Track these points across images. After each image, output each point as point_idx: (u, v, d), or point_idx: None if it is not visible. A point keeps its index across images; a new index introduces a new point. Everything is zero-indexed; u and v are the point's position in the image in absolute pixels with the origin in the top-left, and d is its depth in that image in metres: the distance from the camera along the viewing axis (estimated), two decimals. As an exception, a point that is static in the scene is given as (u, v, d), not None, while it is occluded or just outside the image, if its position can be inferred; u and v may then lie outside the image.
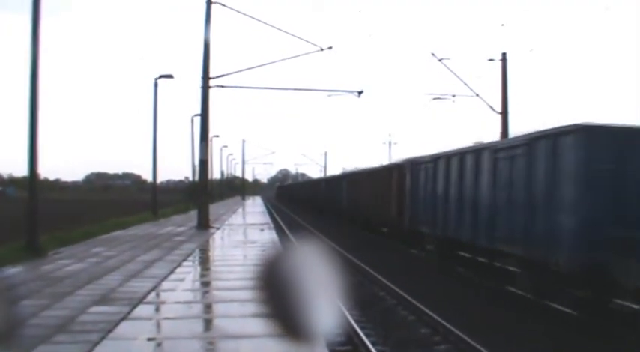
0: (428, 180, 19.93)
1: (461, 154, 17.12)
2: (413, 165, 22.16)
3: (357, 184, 34.70)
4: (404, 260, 19.92)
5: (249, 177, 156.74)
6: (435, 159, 19.37)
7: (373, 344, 8.80)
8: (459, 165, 17.05)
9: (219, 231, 26.59)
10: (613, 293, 9.75)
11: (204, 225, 27.38)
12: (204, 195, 28.26)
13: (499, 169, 14.27)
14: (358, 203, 33.44)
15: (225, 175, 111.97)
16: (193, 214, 32.73)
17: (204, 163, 27.36)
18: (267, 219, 38.56)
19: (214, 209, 47.05)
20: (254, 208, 60.00)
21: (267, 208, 62.75)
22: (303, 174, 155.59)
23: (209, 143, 28.22)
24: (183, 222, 32.70)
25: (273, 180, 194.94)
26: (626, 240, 9.44)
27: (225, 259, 16.03)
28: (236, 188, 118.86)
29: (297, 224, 38.35)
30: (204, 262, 16.10)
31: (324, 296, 1.40)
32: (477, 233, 15.34)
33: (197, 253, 17.72)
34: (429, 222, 19.45)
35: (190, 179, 58.29)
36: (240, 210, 54.62)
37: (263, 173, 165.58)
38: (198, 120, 28.28)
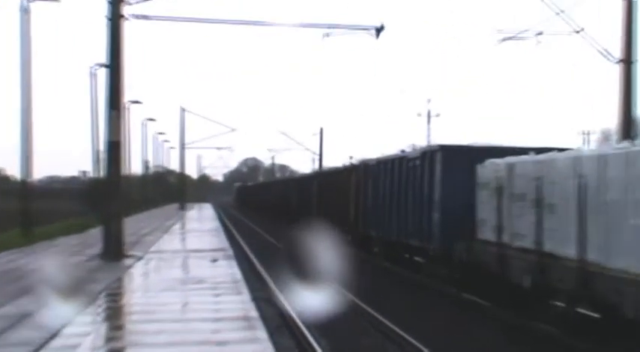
0: (375, 184, 31.77)
1: (392, 161, 29.64)
2: (365, 168, 34.19)
3: (325, 185, 46.77)
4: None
5: (192, 172, 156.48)
6: (378, 163, 31.68)
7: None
8: (390, 171, 29.27)
9: (140, 263, 27.26)
10: (455, 268, 21.86)
11: (115, 252, 27.79)
12: (115, 202, 28.45)
13: (409, 176, 26.82)
14: (325, 206, 45.43)
15: (152, 168, 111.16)
16: (96, 234, 33.33)
17: (114, 148, 27.60)
18: (222, 241, 39.36)
19: (133, 225, 47.97)
20: (201, 223, 60.75)
21: (222, 222, 63.92)
22: (283, 167, 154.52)
23: (124, 114, 28.77)
24: (79, 248, 32.87)
25: (233, 177, 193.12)
26: (459, 231, 21.33)
27: (151, 311, 16.47)
28: (171, 190, 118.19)
29: (268, 245, 39.85)
30: (115, 316, 16.56)
31: None
32: (400, 230, 27.61)
33: (102, 301, 18.11)
34: (375, 224, 31.44)
35: (91, 175, 58.52)
36: (176, 226, 55.18)
37: (217, 165, 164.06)
38: (103, 74, 28.55)
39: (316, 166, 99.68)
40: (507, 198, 19.04)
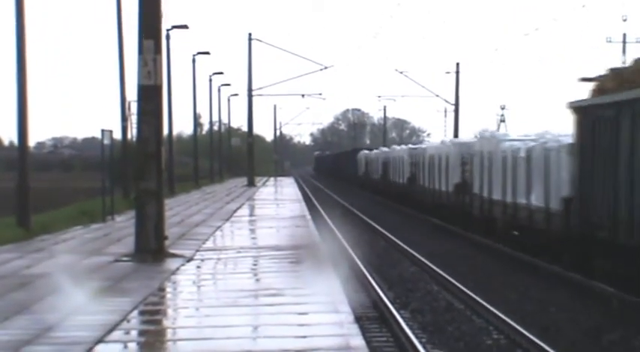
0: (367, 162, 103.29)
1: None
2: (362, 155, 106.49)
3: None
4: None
5: (265, 131, 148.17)
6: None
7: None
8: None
9: (190, 266, 25.87)
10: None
11: (153, 249, 26.38)
12: (153, 176, 26.59)
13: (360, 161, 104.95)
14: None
15: (210, 128, 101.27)
16: (125, 224, 34.43)
17: (151, 96, 25.98)
18: (310, 233, 36.46)
19: (179, 209, 49.03)
20: (279, 207, 56.56)
21: (309, 203, 61.86)
22: (400, 122, 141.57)
23: (164, 46, 29.08)
24: (99, 244, 31.39)
25: (325, 137, 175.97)
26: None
27: (206, 336, 16.20)
28: (235, 158, 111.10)
29: (380, 244, 39.36)
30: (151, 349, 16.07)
31: None
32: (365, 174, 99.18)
33: (135, 324, 17.71)
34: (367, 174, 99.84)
35: (118, 137, 54.79)
36: (242, 211, 52.56)
37: (302, 121, 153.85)
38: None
39: (450, 120, 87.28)
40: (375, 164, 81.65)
